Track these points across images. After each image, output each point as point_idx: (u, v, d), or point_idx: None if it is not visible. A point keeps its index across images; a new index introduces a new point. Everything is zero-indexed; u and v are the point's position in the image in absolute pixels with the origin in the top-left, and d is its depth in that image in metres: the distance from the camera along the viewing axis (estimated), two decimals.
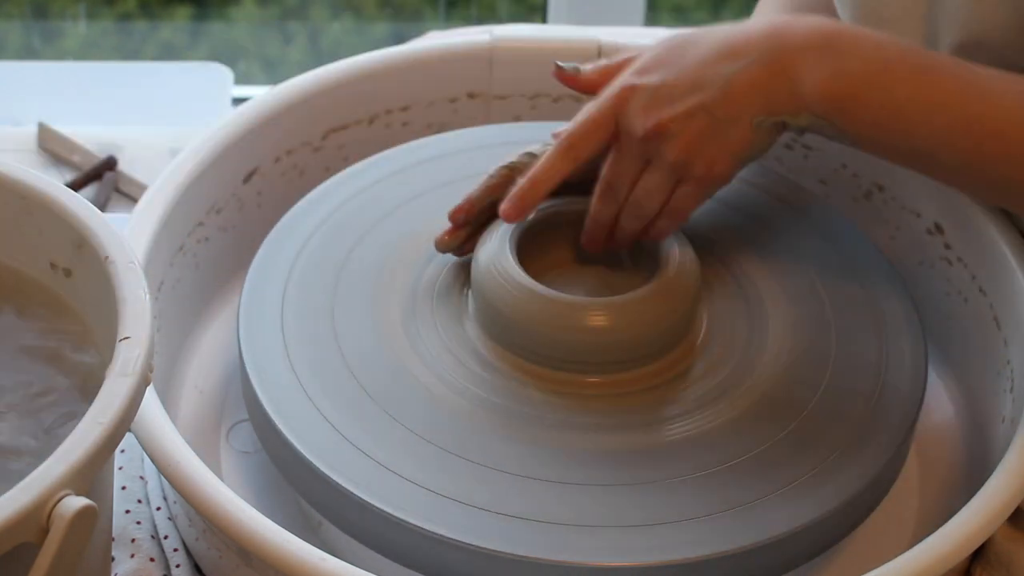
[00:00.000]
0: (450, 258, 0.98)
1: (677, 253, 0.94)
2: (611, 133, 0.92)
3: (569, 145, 0.92)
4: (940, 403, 1.03)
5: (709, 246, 1.00)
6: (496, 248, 0.94)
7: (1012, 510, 0.85)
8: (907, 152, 0.89)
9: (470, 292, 0.96)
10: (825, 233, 1.03)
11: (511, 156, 0.96)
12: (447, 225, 0.99)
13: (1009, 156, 0.86)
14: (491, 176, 0.95)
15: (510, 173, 0.95)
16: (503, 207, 0.93)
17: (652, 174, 0.91)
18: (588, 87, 0.95)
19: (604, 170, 0.93)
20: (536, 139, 0.99)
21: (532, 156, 0.96)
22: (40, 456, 0.69)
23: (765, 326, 0.96)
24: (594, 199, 0.94)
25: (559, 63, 0.96)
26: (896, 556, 0.82)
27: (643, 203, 0.92)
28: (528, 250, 0.96)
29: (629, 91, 0.90)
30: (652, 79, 0.90)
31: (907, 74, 0.87)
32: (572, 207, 0.97)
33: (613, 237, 0.95)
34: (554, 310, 0.91)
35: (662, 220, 0.93)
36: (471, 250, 0.96)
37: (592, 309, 0.91)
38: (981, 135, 0.86)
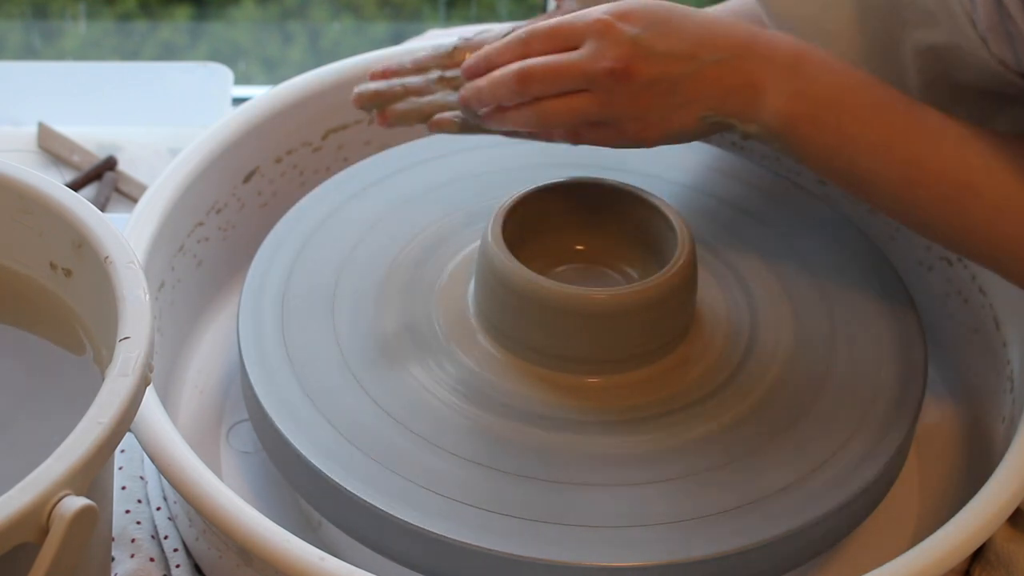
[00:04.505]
0: (449, 258, 0.98)
1: (677, 253, 0.94)
2: (568, 49, 0.90)
3: (528, 38, 0.91)
4: (940, 403, 1.03)
5: (709, 245, 1.00)
6: (495, 246, 0.93)
7: (1012, 510, 0.85)
8: (847, 179, 0.90)
9: (472, 292, 0.96)
10: (825, 233, 1.03)
11: (472, 30, 0.96)
12: (448, 226, 0.98)
13: (933, 199, 0.88)
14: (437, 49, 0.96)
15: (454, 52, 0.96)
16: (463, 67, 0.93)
17: (584, 99, 0.90)
18: None
19: (543, 57, 0.90)
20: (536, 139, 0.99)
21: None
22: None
23: (765, 327, 0.96)
24: (502, 44, 0.92)
25: None
26: (896, 556, 0.82)
27: (550, 113, 0.90)
28: (530, 247, 0.96)
29: (606, 26, 0.89)
30: (633, 29, 0.89)
31: (861, 108, 0.88)
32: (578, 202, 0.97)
33: (469, 96, 0.93)
34: (556, 297, 0.90)
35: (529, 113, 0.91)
36: (383, 120, 0.95)
37: (594, 296, 0.90)
38: (916, 177, 0.88)
